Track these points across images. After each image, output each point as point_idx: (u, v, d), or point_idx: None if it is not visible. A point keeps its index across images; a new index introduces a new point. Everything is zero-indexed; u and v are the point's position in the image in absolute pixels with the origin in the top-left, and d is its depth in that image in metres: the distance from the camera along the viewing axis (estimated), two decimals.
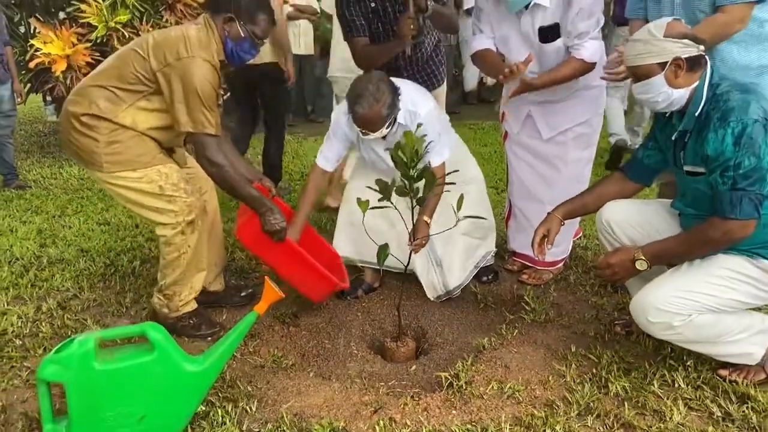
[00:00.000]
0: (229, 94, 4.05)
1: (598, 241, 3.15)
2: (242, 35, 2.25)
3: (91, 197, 4.38)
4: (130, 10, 5.21)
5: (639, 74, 1.95)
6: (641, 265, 1.99)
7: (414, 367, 2.30)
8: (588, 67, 2.53)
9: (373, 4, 2.74)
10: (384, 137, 2.46)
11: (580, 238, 3.28)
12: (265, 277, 2.02)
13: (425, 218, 2.46)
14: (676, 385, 2.03)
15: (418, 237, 2.44)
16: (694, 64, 1.89)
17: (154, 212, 2.27)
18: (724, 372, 2.08)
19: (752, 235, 1.86)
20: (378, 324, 2.64)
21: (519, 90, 2.57)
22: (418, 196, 2.11)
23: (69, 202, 4.26)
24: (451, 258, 2.74)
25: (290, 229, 2.50)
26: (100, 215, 3.95)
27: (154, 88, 2.19)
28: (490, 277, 2.92)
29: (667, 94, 1.92)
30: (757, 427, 1.83)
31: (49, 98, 7.51)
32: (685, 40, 1.87)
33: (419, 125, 2.19)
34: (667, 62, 1.88)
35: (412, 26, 2.58)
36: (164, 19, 5.41)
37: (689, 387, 2.02)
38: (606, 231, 2.28)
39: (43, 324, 2.51)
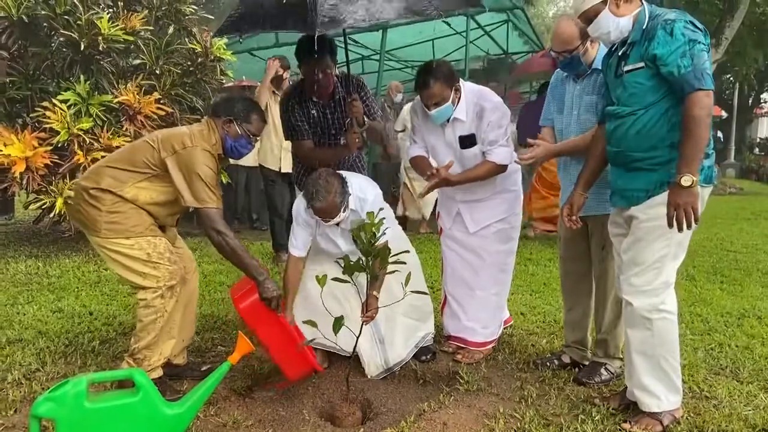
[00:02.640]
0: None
1: (522, 331, 3.59)
2: (239, 133, 2.72)
3: (41, 289, 4.50)
4: (93, 119, 5.57)
5: (589, 16, 2.40)
6: (687, 181, 2.22)
7: (362, 430, 2.56)
8: (499, 169, 3.06)
9: (314, 112, 3.26)
10: (338, 224, 2.87)
11: (510, 326, 3.67)
12: (239, 332, 2.30)
13: (374, 293, 2.82)
14: None
15: (370, 309, 2.79)
16: None
17: (139, 276, 2.56)
18: (626, 425, 2.45)
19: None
20: (327, 397, 2.90)
21: (436, 184, 3.07)
22: (374, 272, 2.49)
23: (19, 293, 4.36)
24: (393, 336, 3.09)
25: (286, 313, 2.84)
26: (53, 304, 4.08)
27: (158, 172, 2.58)
28: (428, 356, 3.25)
29: (615, 24, 2.38)
30: None
31: None
32: None
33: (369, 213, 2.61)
34: None
35: (357, 140, 3.13)
36: (124, 128, 5.79)
37: None
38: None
39: (11, 391, 2.65)
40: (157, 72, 6.13)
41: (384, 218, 2.50)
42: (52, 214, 5.50)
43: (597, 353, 3.01)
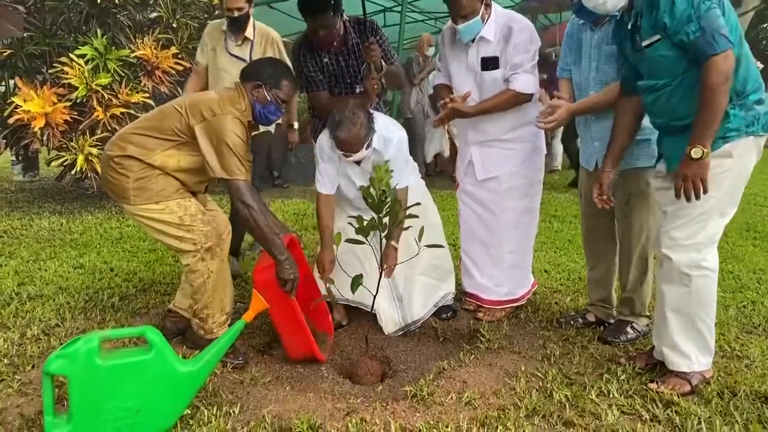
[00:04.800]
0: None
1: (545, 288, 3.50)
2: (268, 99, 2.59)
3: (63, 245, 4.52)
4: (111, 74, 5.52)
5: None
6: (697, 153, 2.13)
7: (380, 387, 2.52)
8: (520, 98, 2.87)
9: (326, 60, 3.11)
10: (359, 163, 2.81)
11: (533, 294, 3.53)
12: (253, 289, 2.25)
13: (393, 244, 2.76)
14: (611, 395, 2.31)
15: (389, 262, 2.73)
16: None
17: (176, 240, 2.51)
18: (653, 385, 2.37)
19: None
20: (346, 354, 2.86)
21: (450, 114, 2.94)
22: (394, 217, 2.40)
23: (42, 249, 4.39)
24: (411, 295, 3.02)
25: (325, 251, 2.87)
26: (74, 260, 4.09)
27: (186, 140, 2.49)
28: (449, 314, 3.18)
29: None
30: (679, 427, 2.11)
31: (19, 156, 7.70)
32: None
33: (387, 162, 2.52)
34: None
35: (376, 86, 2.99)
36: (142, 84, 5.74)
37: (622, 396, 2.31)
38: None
39: (30, 346, 2.66)
40: (174, 26, 6.03)
41: (392, 171, 2.40)
42: (73, 171, 5.50)
43: (623, 311, 2.91)
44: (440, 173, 8.79)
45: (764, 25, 19.93)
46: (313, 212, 5.93)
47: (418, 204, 2.64)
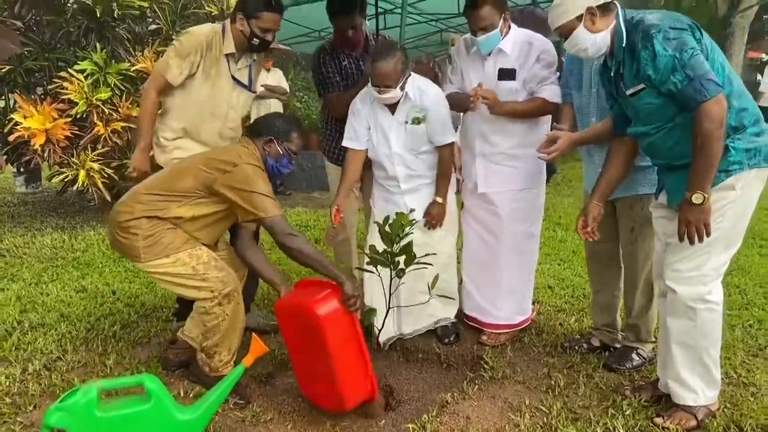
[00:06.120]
0: None
1: (549, 307, 3.48)
2: (281, 153, 2.62)
3: (65, 265, 4.51)
4: (111, 88, 5.49)
5: (565, 32, 2.30)
6: (698, 199, 2.11)
7: (383, 421, 2.50)
8: (549, 107, 2.92)
9: (345, 63, 3.25)
10: (393, 112, 2.92)
11: (537, 314, 3.51)
12: (253, 334, 2.23)
13: (438, 199, 2.99)
14: (617, 431, 2.29)
15: (432, 214, 2.99)
16: (605, 9, 2.24)
17: (193, 290, 2.48)
18: (659, 420, 2.35)
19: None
20: None
21: (476, 104, 2.92)
22: (399, 268, 2.41)
23: (44, 270, 4.38)
24: (410, 311, 3.02)
25: (338, 195, 3.00)
26: (76, 282, 4.08)
27: (202, 195, 2.49)
28: (451, 338, 3.17)
29: (592, 41, 2.26)
30: None
31: (20, 169, 7.68)
32: None
33: (423, 116, 2.89)
34: (582, 14, 2.24)
35: None
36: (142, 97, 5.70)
37: None
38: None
39: (31, 383, 2.65)
40: (174, 37, 5.98)
41: (441, 117, 2.90)
42: (75, 187, 5.49)
43: (628, 337, 2.89)
44: None
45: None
46: (315, 224, 5.94)
47: (434, 254, 2.64)
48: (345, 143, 3.06)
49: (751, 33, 15.36)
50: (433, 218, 3.00)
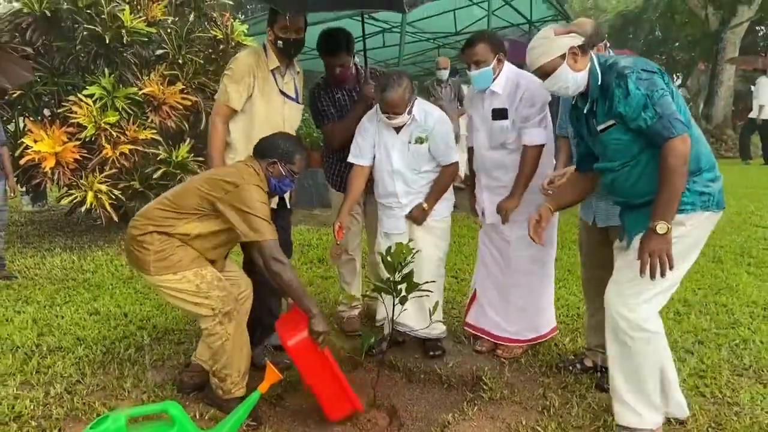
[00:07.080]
0: None
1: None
2: (284, 174, 2.79)
3: (77, 287, 4.65)
4: (119, 112, 5.66)
5: (547, 71, 2.41)
6: (662, 229, 2.22)
7: None
8: (535, 150, 3.07)
9: (339, 96, 3.53)
10: (398, 131, 3.19)
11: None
12: (267, 361, 2.39)
13: (424, 205, 3.23)
14: None
15: (413, 215, 3.25)
16: (583, 50, 2.41)
17: (193, 306, 2.65)
18: None
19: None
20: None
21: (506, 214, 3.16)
22: (401, 295, 2.58)
23: (56, 292, 4.52)
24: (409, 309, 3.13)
25: (341, 210, 3.24)
26: (89, 305, 4.23)
27: (206, 212, 2.65)
28: (437, 353, 3.37)
29: (574, 79, 2.40)
30: None
31: (28, 188, 7.83)
32: (572, 33, 2.41)
33: (425, 136, 3.16)
34: (566, 53, 2.39)
35: (372, 89, 3.33)
36: (149, 120, 5.88)
37: None
38: None
39: (54, 407, 2.79)
40: (180, 61, 6.18)
41: (446, 138, 3.22)
42: (83, 208, 5.64)
43: None
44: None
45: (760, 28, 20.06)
46: (318, 243, 6.09)
47: (430, 291, 2.82)
48: (350, 159, 3.31)
49: (743, 47, 15.64)
50: (413, 220, 3.25)
